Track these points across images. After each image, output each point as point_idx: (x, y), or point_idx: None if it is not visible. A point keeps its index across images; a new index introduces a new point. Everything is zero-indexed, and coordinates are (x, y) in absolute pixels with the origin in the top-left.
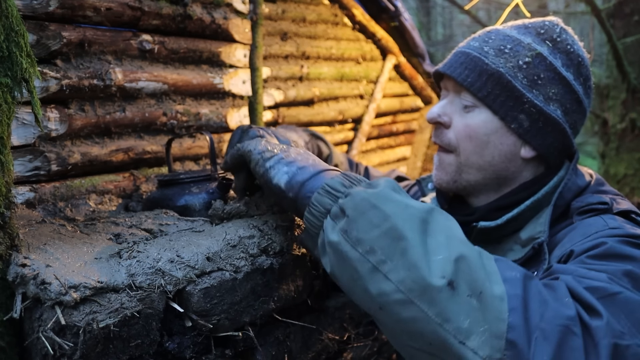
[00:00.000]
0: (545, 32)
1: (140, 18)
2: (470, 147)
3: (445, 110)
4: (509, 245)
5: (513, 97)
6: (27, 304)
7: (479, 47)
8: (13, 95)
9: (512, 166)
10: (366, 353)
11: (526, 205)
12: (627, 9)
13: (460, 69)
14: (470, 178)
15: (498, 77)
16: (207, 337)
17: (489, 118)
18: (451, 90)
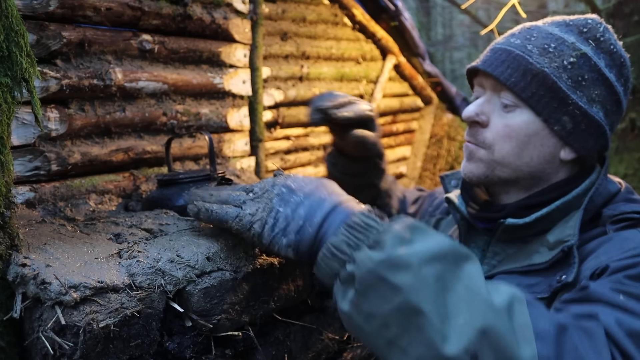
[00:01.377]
0: (588, 31)
1: (140, 18)
2: (509, 148)
3: (483, 109)
4: (534, 247)
5: (557, 98)
6: (27, 303)
7: (522, 45)
8: (13, 95)
9: (549, 167)
10: (366, 353)
11: (556, 206)
12: (627, 9)
13: (502, 68)
14: (504, 175)
15: (543, 78)
16: (207, 337)
17: (531, 119)
18: (489, 89)
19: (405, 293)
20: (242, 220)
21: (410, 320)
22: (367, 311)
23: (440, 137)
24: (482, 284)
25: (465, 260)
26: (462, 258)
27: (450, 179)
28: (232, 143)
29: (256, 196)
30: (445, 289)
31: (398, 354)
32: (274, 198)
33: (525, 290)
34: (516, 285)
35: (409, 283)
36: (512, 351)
